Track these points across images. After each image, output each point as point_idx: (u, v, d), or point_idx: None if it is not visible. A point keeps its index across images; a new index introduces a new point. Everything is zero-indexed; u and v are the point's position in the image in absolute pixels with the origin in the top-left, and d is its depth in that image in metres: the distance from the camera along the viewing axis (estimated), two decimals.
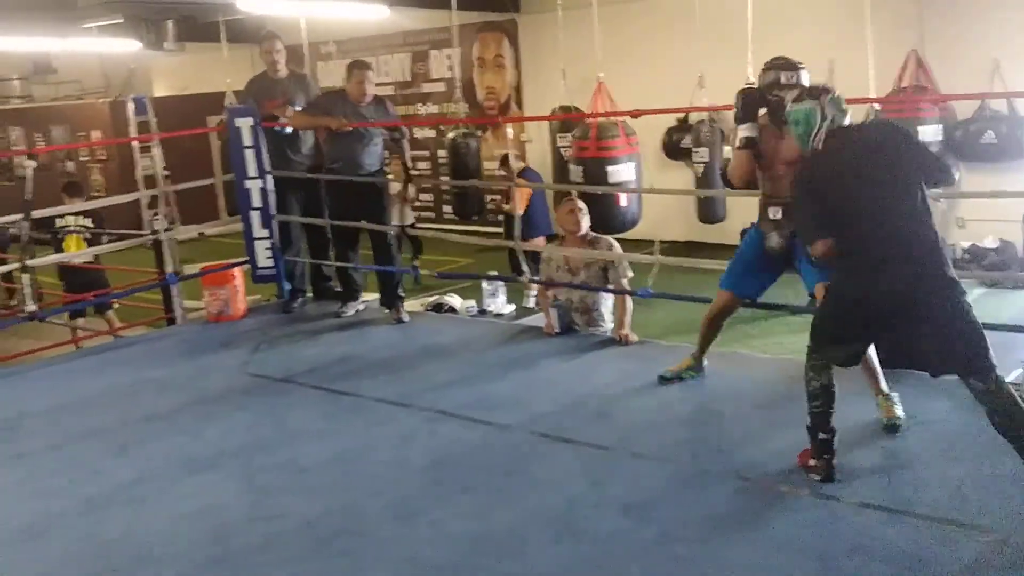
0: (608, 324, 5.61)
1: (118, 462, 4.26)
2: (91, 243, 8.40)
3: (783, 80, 4.16)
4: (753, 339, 7.40)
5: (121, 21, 10.84)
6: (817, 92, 3.66)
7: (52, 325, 8.08)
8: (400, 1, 11.54)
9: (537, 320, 6.21)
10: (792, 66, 4.20)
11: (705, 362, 4.71)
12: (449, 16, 10.98)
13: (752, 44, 7.43)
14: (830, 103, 3.60)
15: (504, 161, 9.28)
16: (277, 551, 3.34)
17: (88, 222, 8.39)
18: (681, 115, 10.59)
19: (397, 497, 3.66)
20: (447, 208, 13.72)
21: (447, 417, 4.45)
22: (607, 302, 5.64)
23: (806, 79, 4.18)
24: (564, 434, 4.11)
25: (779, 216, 4.24)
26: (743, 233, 4.73)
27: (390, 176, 6.36)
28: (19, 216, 5.98)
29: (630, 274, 5.49)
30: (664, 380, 4.67)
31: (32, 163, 5.95)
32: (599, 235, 5.69)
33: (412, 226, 7.18)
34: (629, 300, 5.41)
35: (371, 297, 6.67)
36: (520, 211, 8.52)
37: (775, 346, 6.92)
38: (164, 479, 4.04)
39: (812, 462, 3.52)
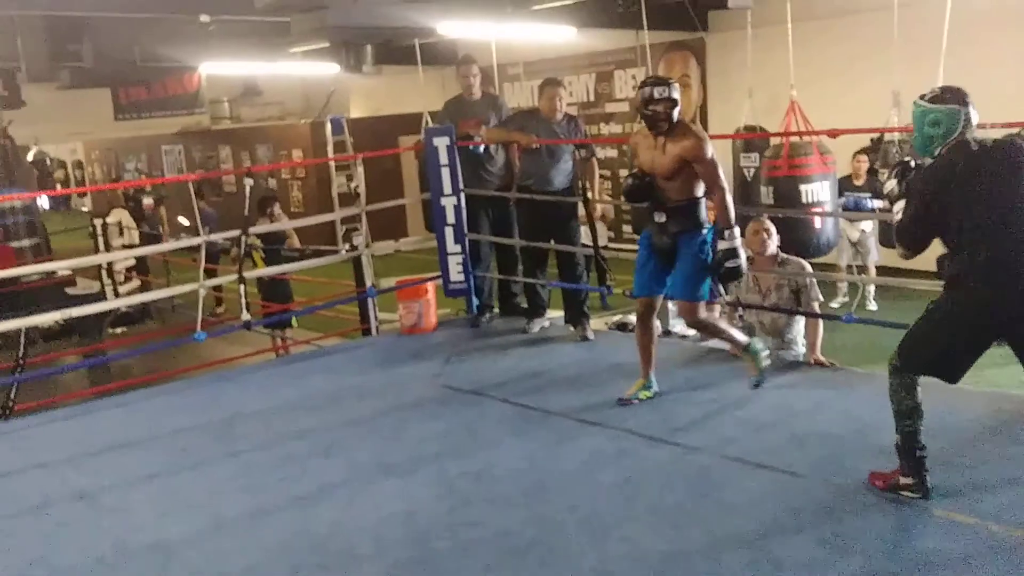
0: (800, 348, 5.51)
1: (324, 463, 4.51)
2: (267, 260, 8.91)
3: (656, 95, 4.55)
4: None
5: (324, 46, 11.45)
6: (962, 96, 3.49)
7: (252, 333, 8.62)
8: (587, 23, 11.69)
9: (724, 342, 6.15)
10: (663, 82, 4.62)
11: (653, 378, 4.96)
12: (635, 36, 11.07)
13: (946, 60, 7.15)
14: (974, 111, 3.46)
15: None
16: (475, 558, 3.46)
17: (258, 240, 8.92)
18: (875, 135, 10.23)
19: (589, 512, 3.72)
20: (627, 228, 13.75)
21: (635, 436, 4.49)
22: (798, 325, 5.54)
23: (676, 92, 4.59)
24: (756, 459, 4.07)
25: (664, 219, 4.76)
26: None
27: (587, 195, 6.44)
28: (236, 231, 6.43)
29: (822, 297, 5.38)
30: (623, 402, 4.91)
31: (250, 181, 6.37)
32: (789, 256, 5.60)
33: (605, 247, 7.24)
34: (821, 323, 5.30)
35: (556, 314, 6.79)
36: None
37: (979, 379, 6.57)
38: (366, 481, 4.25)
39: (905, 480, 3.51)
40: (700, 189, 4.75)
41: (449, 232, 6.71)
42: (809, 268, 5.48)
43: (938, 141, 3.49)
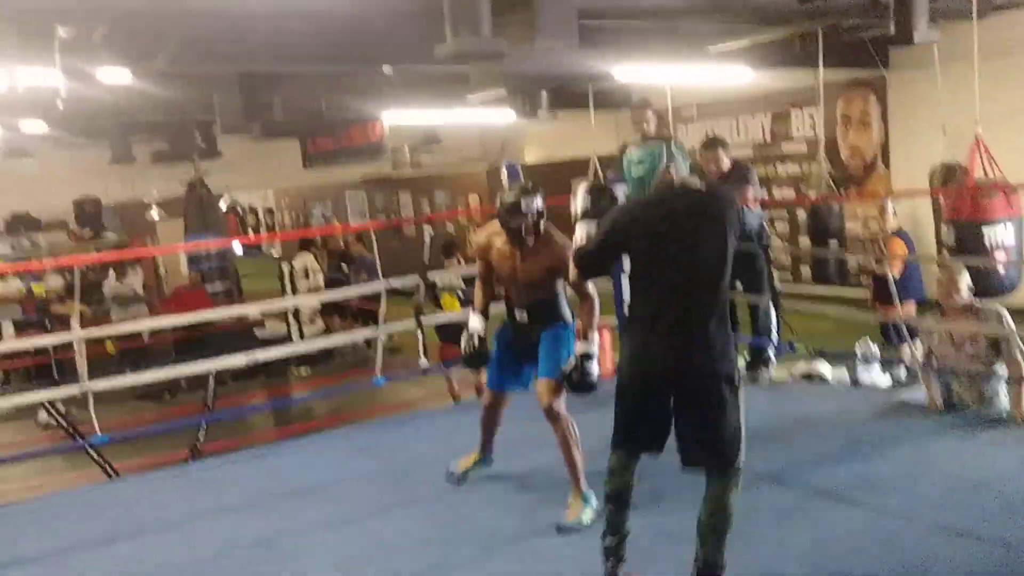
0: (1002, 404, 5.10)
1: (500, 515, 4.44)
2: (463, 302, 9.00)
3: (523, 207, 4.35)
4: None
5: (502, 94, 11.64)
6: (668, 136, 3.58)
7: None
8: (764, 63, 11.42)
9: (918, 395, 5.77)
10: (531, 192, 4.41)
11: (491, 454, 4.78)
12: (812, 75, 10.71)
13: None
14: (677, 148, 3.47)
15: (878, 217, 8.77)
16: None
17: (462, 283, 9.01)
18: None
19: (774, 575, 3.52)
20: (805, 270, 13.26)
21: (826, 496, 4.24)
22: (999, 378, 5.13)
23: (540, 203, 4.39)
24: (960, 526, 3.76)
25: (526, 318, 4.54)
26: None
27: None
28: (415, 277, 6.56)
29: None
30: (452, 476, 4.83)
31: (430, 229, 6.48)
32: (986, 304, 5.21)
33: (780, 293, 6.96)
34: None
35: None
36: (896, 272, 8.00)
37: None
38: (543, 535, 4.15)
39: None
40: (560, 284, 4.51)
41: (625, 280, 6.58)
42: (1007, 316, 5.07)
43: (647, 182, 3.47)
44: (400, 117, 13.84)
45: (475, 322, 4.64)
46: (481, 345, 4.61)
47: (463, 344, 4.67)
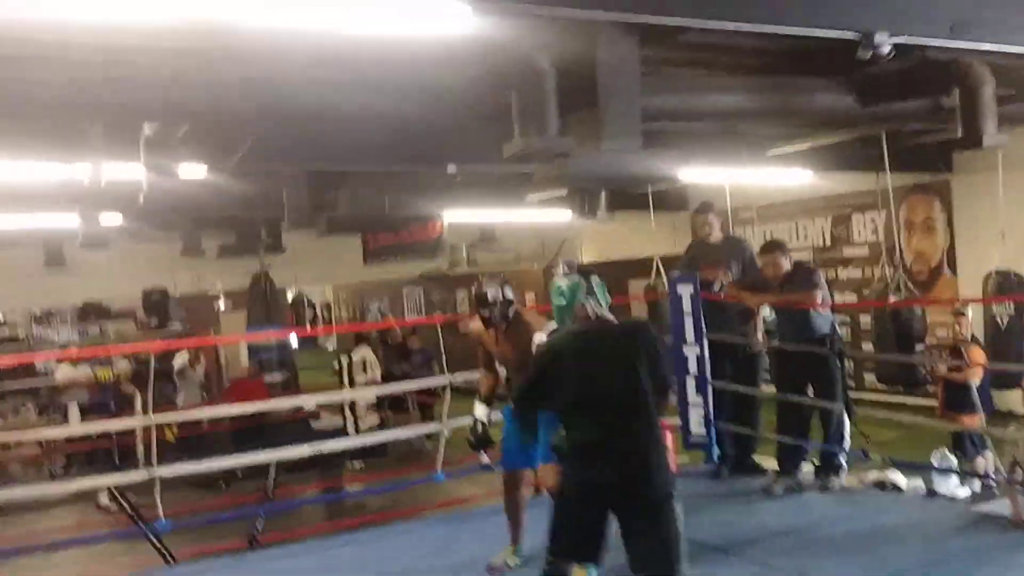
0: None
1: None
2: None
3: (490, 298, 4.80)
4: None
5: (560, 195, 11.77)
6: (586, 269, 3.93)
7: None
8: (825, 166, 11.43)
9: (1001, 507, 5.55)
10: (495, 283, 4.89)
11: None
12: (874, 179, 10.68)
13: None
14: (597, 283, 3.80)
15: (955, 322, 8.58)
16: None
17: None
18: None
19: None
20: (868, 376, 13.00)
21: None
22: None
23: (508, 293, 4.81)
24: None
25: None
26: None
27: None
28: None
29: None
30: (493, 571, 4.93)
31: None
32: None
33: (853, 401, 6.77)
34: None
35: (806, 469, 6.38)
36: (977, 380, 7.79)
37: None
38: None
39: None
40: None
41: (691, 382, 6.54)
42: None
43: (567, 312, 3.79)
44: (459, 215, 14.05)
45: (479, 409, 5.09)
46: (484, 431, 5.05)
47: (469, 430, 5.12)
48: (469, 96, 6.33)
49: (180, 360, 13.10)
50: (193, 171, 7.51)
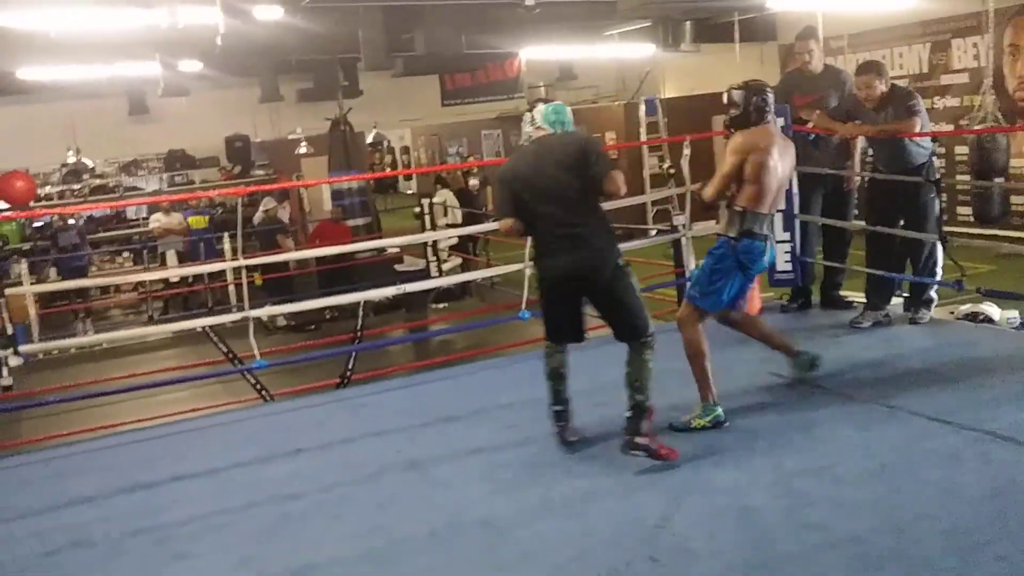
0: None
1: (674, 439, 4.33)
2: None
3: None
4: None
5: (644, 25, 11.36)
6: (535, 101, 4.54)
7: None
8: None
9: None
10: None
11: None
12: (976, 0, 10.03)
13: None
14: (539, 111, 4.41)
15: None
16: (821, 564, 3.20)
17: None
18: None
19: (952, 525, 3.34)
20: (962, 210, 12.57)
21: (999, 440, 4.00)
22: None
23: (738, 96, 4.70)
24: None
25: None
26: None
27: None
28: None
29: None
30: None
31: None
32: None
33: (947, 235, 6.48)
34: None
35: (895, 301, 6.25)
36: None
37: None
38: (695, 470, 4.08)
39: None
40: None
41: (778, 217, 6.35)
42: None
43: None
44: (538, 52, 13.71)
45: None
46: None
47: None
48: None
49: (265, 205, 13.30)
50: (269, 12, 7.41)
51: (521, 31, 11.30)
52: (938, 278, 5.88)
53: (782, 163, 4.72)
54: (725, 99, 4.76)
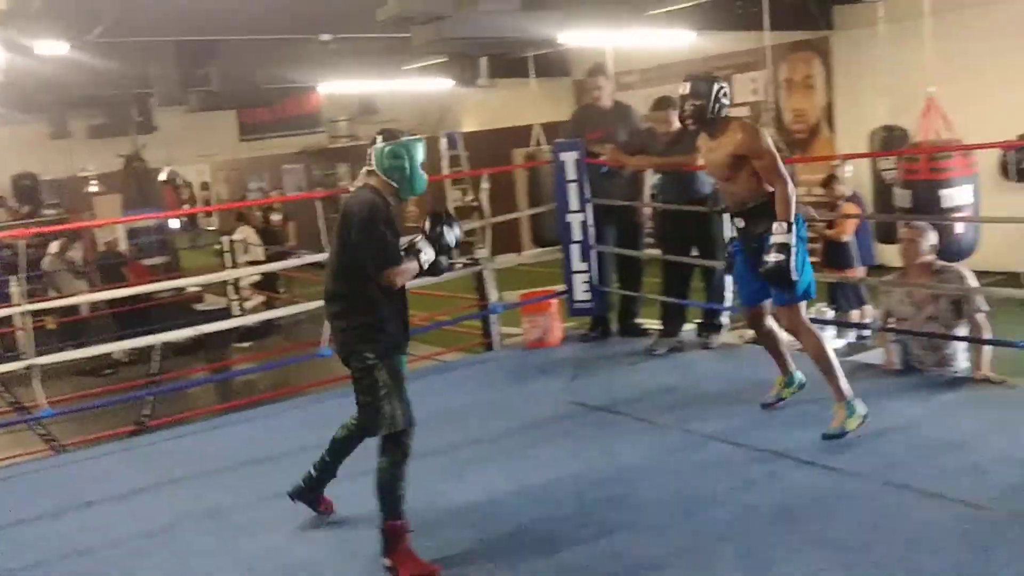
0: (961, 363, 5.09)
1: (455, 485, 4.34)
2: None
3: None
4: None
5: (439, 61, 11.47)
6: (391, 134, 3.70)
7: None
8: (706, 25, 11.38)
9: (874, 357, 5.77)
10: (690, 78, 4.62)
11: (796, 373, 4.84)
12: (755, 38, 10.69)
13: None
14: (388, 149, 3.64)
15: (828, 183, 8.77)
16: None
17: None
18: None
19: (745, 544, 3.46)
20: None
21: (788, 460, 4.19)
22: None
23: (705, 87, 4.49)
24: (929, 487, 3.72)
25: (743, 224, 4.58)
26: None
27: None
28: None
29: (986, 308, 4.96)
30: (768, 406, 4.84)
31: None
32: (947, 264, 5.19)
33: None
34: (988, 335, 4.89)
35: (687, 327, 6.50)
36: (848, 237, 8.02)
37: None
38: (499, 503, 4.07)
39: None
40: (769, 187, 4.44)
41: (575, 249, 6.52)
42: (970, 276, 5.05)
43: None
44: (337, 87, 13.59)
45: None
46: None
47: None
48: None
49: (55, 247, 12.56)
50: (52, 47, 7.01)
51: (319, 65, 11.16)
52: (728, 304, 6.15)
53: None
54: (686, 90, 4.51)
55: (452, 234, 3.78)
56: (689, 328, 6.43)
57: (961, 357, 5.08)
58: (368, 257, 3.58)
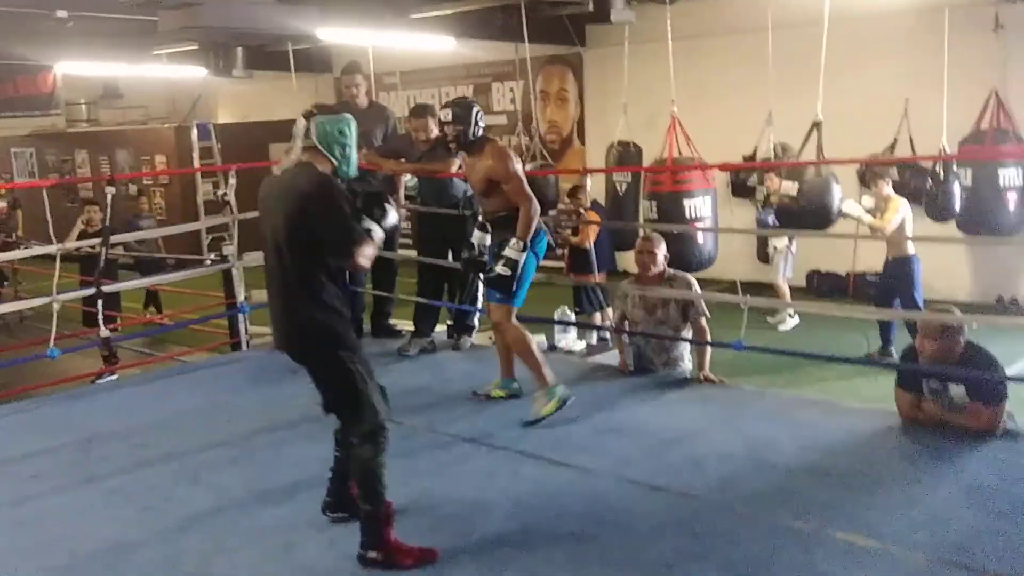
0: (686, 364, 5.47)
1: (192, 490, 4.19)
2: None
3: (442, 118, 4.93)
4: (827, 382, 7.22)
5: (191, 48, 10.98)
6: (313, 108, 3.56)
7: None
8: (467, 34, 11.55)
9: (610, 358, 6.07)
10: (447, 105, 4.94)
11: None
12: (513, 49, 10.97)
13: (825, 81, 7.33)
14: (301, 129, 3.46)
15: (573, 193, 9.18)
16: None
17: None
18: (751, 152, 10.40)
19: (483, 542, 3.53)
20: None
21: (527, 458, 4.33)
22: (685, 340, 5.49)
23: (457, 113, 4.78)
24: (653, 481, 3.96)
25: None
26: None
27: None
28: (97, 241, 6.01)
29: (708, 314, 5.35)
30: (477, 396, 5.19)
31: (111, 190, 5.94)
32: (677, 272, 5.55)
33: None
34: (709, 339, 5.27)
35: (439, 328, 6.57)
36: (590, 244, 8.40)
37: (852, 394, 6.71)
38: (240, 510, 3.95)
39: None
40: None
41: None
42: (695, 284, 5.44)
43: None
44: (76, 68, 12.71)
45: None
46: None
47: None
48: None
49: None
50: None
51: (56, 44, 10.39)
52: (479, 306, 6.27)
53: None
54: (447, 117, 4.79)
55: (393, 214, 3.62)
56: (440, 329, 6.50)
57: (686, 358, 5.45)
58: (335, 238, 3.35)
